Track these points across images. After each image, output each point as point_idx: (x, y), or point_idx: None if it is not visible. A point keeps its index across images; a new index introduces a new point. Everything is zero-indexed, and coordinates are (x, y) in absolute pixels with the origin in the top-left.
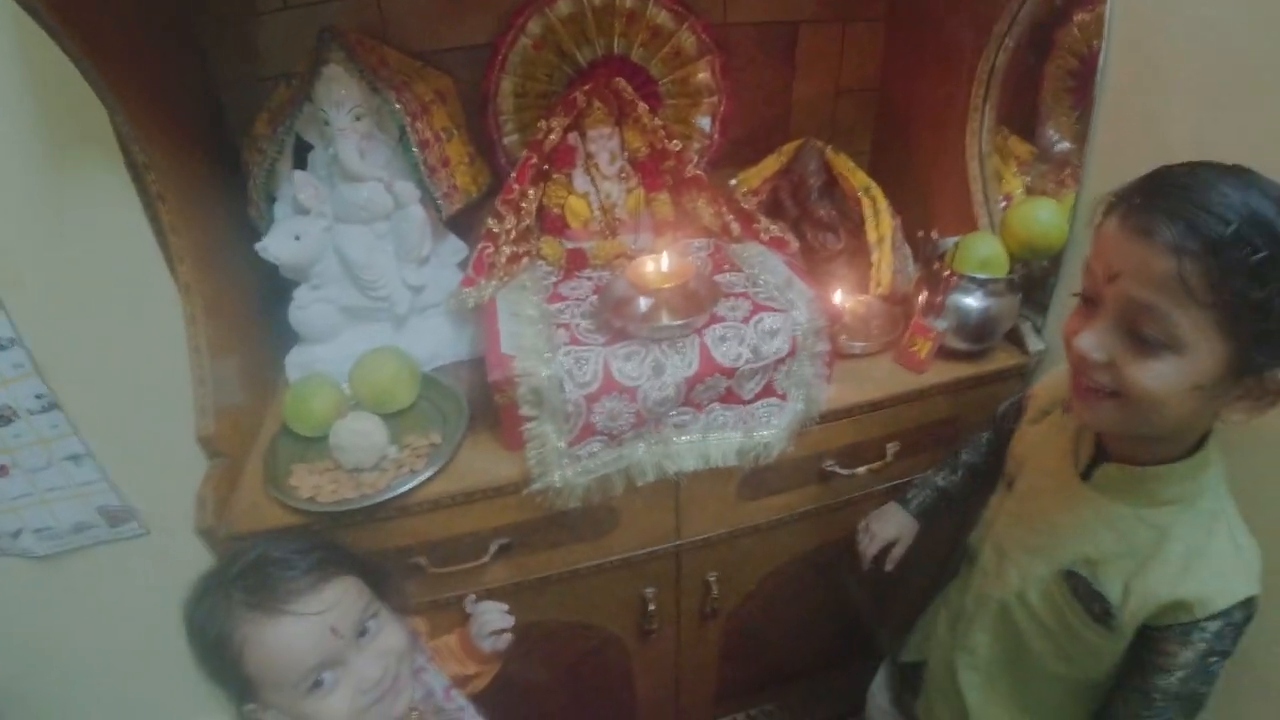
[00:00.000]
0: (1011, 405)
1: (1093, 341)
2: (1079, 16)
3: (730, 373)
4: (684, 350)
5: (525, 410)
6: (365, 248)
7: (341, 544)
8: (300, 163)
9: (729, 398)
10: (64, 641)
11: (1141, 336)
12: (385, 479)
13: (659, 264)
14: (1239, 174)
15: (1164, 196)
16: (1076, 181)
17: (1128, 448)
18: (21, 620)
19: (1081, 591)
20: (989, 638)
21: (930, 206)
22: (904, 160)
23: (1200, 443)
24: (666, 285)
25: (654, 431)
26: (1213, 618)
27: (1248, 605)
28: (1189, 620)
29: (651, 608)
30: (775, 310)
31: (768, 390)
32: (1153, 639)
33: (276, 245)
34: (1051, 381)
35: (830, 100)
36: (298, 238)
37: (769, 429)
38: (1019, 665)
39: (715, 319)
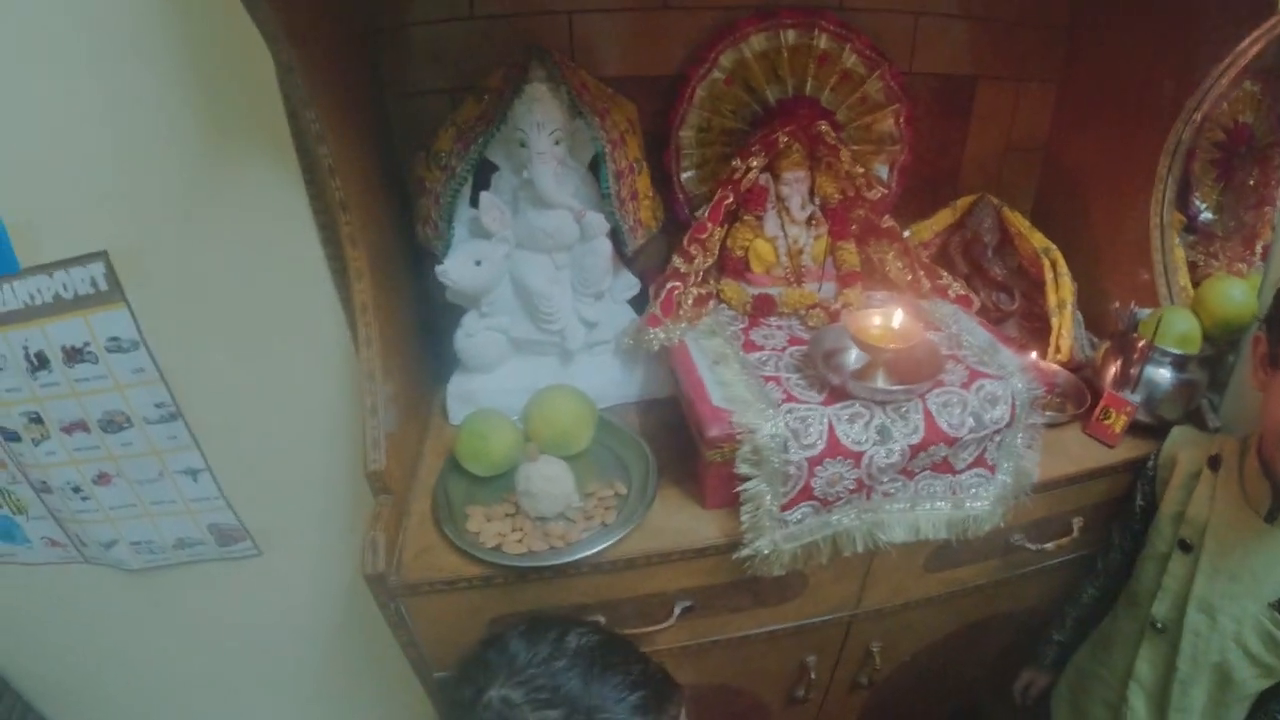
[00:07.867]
0: (1144, 492)
1: None
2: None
3: (953, 441)
4: (908, 415)
5: (743, 469)
6: (546, 277)
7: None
8: (477, 184)
9: (941, 466)
10: (151, 653)
11: None
12: (575, 531)
13: (888, 320)
14: None
15: None
16: (1227, 258)
17: None
18: (107, 629)
19: None
20: (1204, 690)
21: (1101, 273)
22: (1074, 223)
23: None
24: (893, 346)
25: (864, 499)
26: None
27: None
28: None
29: (813, 676)
30: (994, 377)
31: (979, 460)
32: None
33: (457, 270)
34: (1182, 446)
35: (999, 157)
36: (479, 263)
37: (979, 501)
38: (1225, 695)
39: (937, 382)
